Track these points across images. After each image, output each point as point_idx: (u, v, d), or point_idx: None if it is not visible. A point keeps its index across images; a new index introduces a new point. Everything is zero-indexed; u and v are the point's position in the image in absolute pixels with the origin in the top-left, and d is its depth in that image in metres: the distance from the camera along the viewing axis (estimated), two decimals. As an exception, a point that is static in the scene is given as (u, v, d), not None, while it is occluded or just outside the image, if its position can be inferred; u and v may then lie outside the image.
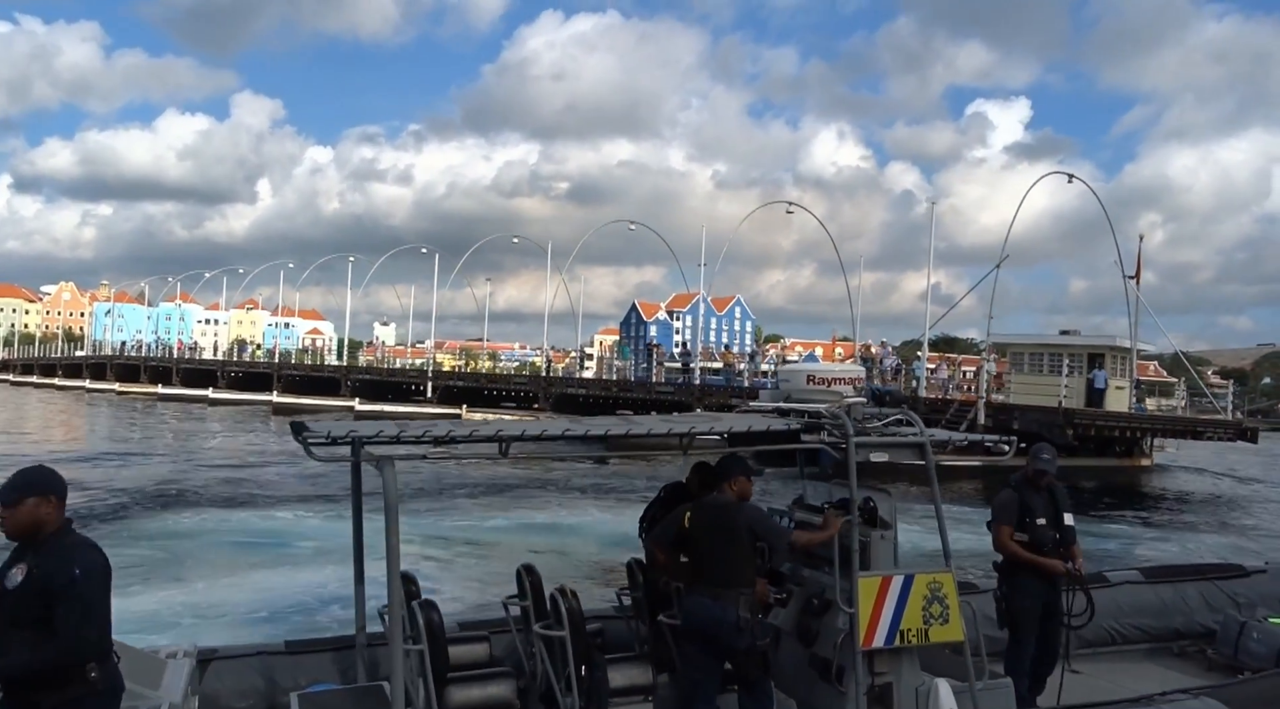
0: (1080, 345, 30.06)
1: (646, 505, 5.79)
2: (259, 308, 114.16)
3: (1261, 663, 6.67)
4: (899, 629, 4.64)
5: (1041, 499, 5.86)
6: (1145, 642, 7.35)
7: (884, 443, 4.78)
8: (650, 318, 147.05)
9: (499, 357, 71.02)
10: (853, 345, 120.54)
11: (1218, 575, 7.80)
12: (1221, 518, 21.50)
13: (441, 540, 15.45)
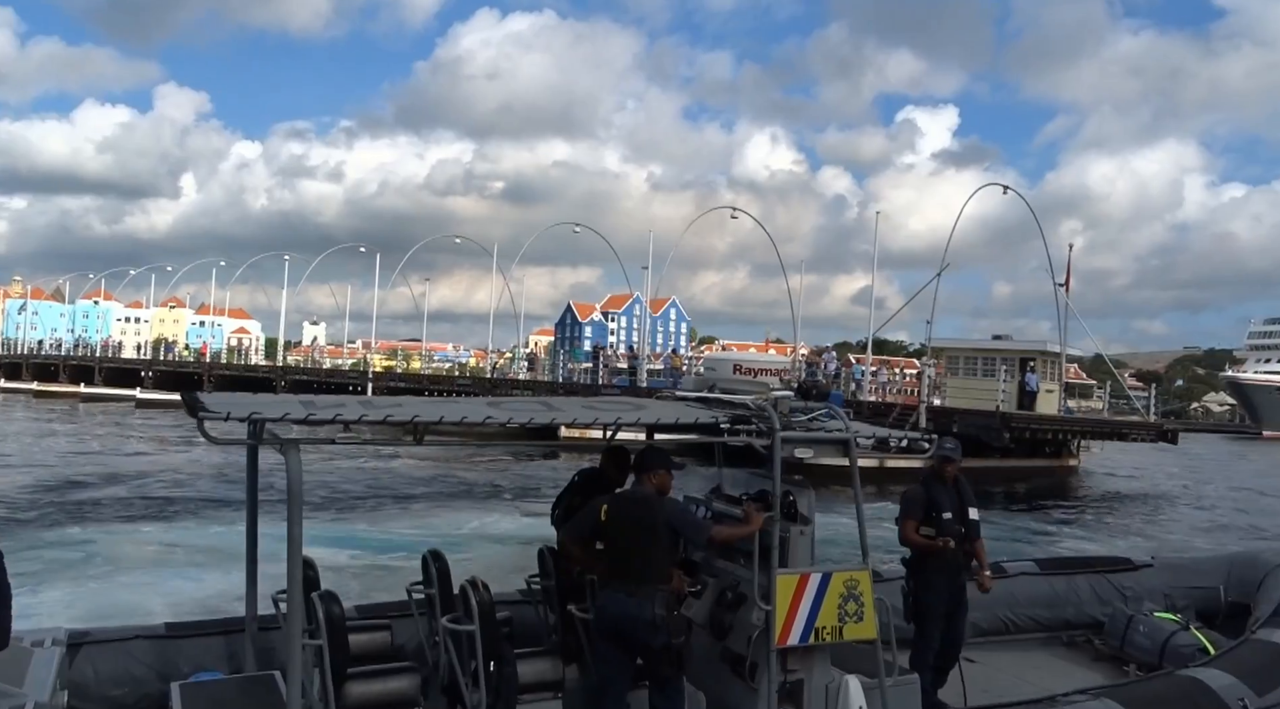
0: (1013, 350, 31.32)
1: (560, 491, 5.66)
2: (183, 306, 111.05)
3: (1145, 656, 6.93)
4: (814, 627, 4.58)
5: (948, 494, 5.91)
6: (1038, 631, 7.54)
7: (809, 438, 4.69)
8: (585, 319, 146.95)
9: (433, 357, 70.24)
10: (785, 347, 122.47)
11: (1107, 569, 8.04)
12: (1141, 514, 22.51)
13: (346, 528, 15.06)
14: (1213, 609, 7.73)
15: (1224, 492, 30.51)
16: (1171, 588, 7.85)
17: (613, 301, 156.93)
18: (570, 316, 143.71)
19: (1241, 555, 8.44)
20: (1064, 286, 32.65)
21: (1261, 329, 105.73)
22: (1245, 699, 5.32)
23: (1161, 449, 33.52)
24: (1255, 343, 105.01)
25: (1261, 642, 6.15)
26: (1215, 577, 7.92)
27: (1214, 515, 22.94)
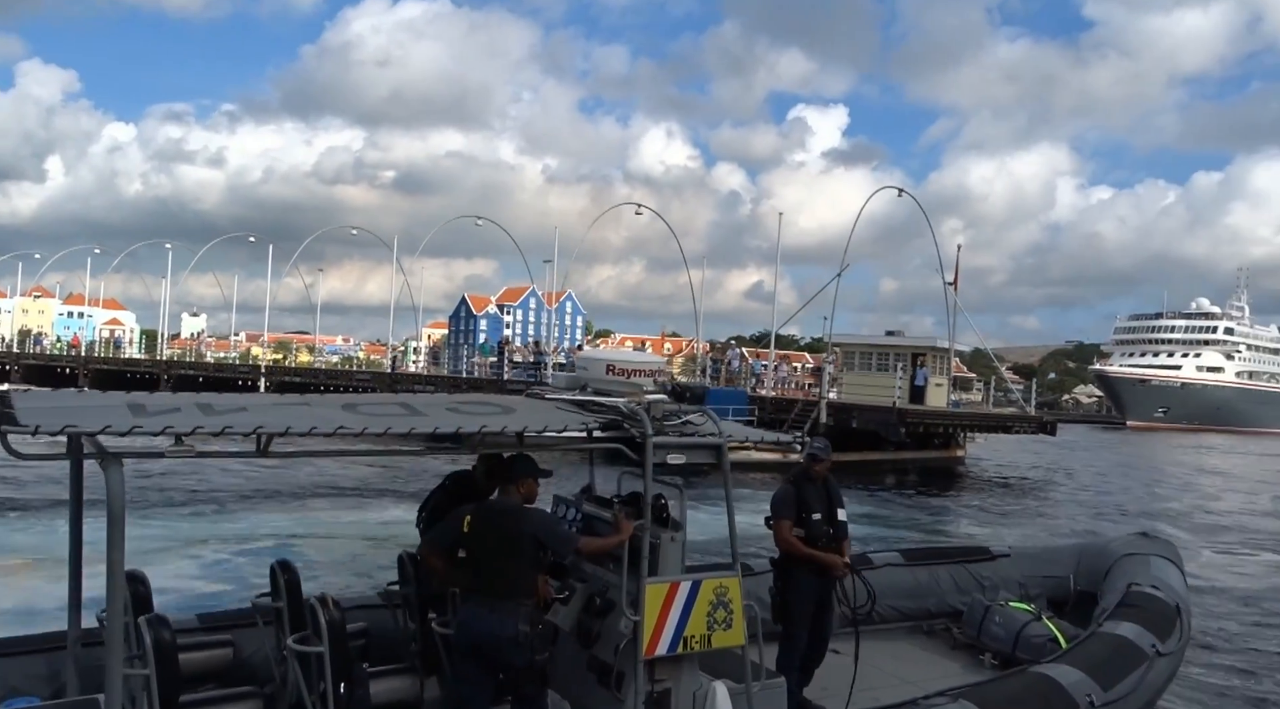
0: (906, 345, 32.63)
1: (428, 494, 5.43)
2: (50, 296, 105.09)
3: (1000, 645, 7.17)
4: (683, 636, 4.48)
5: (817, 493, 5.91)
6: (902, 621, 7.70)
7: (682, 443, 4.55)
8: (480, 311, 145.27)
9: (320, 350, 68.27)
10: (681, 341, 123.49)
11: (967, 559, 8.30)
12: (1021, 501, 23.71)
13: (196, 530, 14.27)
14: (1063, 597, 8.07)
15: (1094, 479, 32.44)
16: (1026, 577, 8.14)
17: (508, 294, 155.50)
18: (465, 309, 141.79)
19: (1090, 546, 8.79)
20: (953, 285, 34.06)
21: (1126, 325, 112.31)
22: (1092, 695, 5.48)
23: (1040, 440, 35.44)
24: (1120, 338, 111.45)
25: (1107, 635, 6.35)
26: (1066, 566, 8.27)
27: (1086, 502, 24.38)
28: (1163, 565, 7.76)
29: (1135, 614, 6.63)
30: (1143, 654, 6.09)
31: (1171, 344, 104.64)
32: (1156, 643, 6.25)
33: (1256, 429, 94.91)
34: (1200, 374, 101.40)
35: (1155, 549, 8.18)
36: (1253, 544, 18.21)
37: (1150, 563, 7.71)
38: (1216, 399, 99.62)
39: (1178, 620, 6.76)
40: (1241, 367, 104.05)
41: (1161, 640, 6.33)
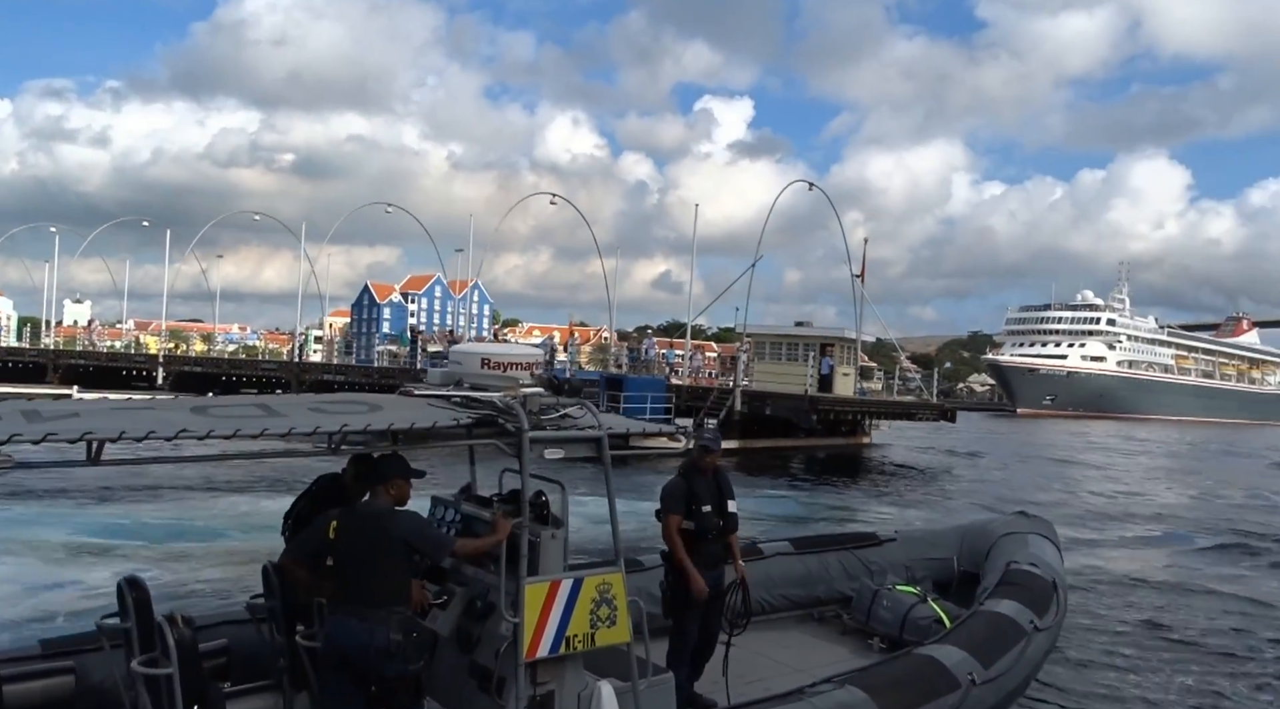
0: (815, 336, 33.67)
1: (294, 499, 5.13)
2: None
3: (888, 628, 7.25)
4: (565, 636, 4.34)
5: (708, 486, 5.83)
6: (792, 609, 7.72)
7: (560, 438, 4.43)
8: (383, 300, 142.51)
9: (215, 338, 65.99)
10: (589, 330, 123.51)
11: (855, 545, 8.36)
12: (925, 488, 24.66)
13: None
14: (948, 578, 8.25)
15: (992, 463, 33.92)
16: (911, 560, 8.28)
17: (413, 282, 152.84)
18: (368, 297, 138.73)
19: (973, 527, 8.93)
20: (859, 278, 35.16)
21: (1017, 316, 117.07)
22: (974, 673, 5.58)
23: (941, 427, 36.88)
24: (1011, 328, 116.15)
25: (988, 613, 6.47)
26: (949, 548, 8.44)
27: (984, 487, 25.51)
28: (1040, 543, 7.99)
29: (1014, 592, 6.79)
30: (1021, 630, 6.26)
31: (1058, 334, 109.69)
32: (1035, 619, 6.43)
33: (1136, 415, 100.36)
34: (1085, 363, 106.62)
35: (1033, 528, 8.42)
36: (1128, 522, 19.33)
37: (1028, 541, 7.93)
38: (1099, 387, 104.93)
39: (1054, 596, 6.96)
40: (1122, 356, 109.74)
41: (1039, 616, 6.51)
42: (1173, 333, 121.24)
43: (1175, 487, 27.91)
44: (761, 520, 15.80)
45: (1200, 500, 24.21)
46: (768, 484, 21.61)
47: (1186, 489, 27.55)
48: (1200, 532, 17.78)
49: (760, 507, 17.78)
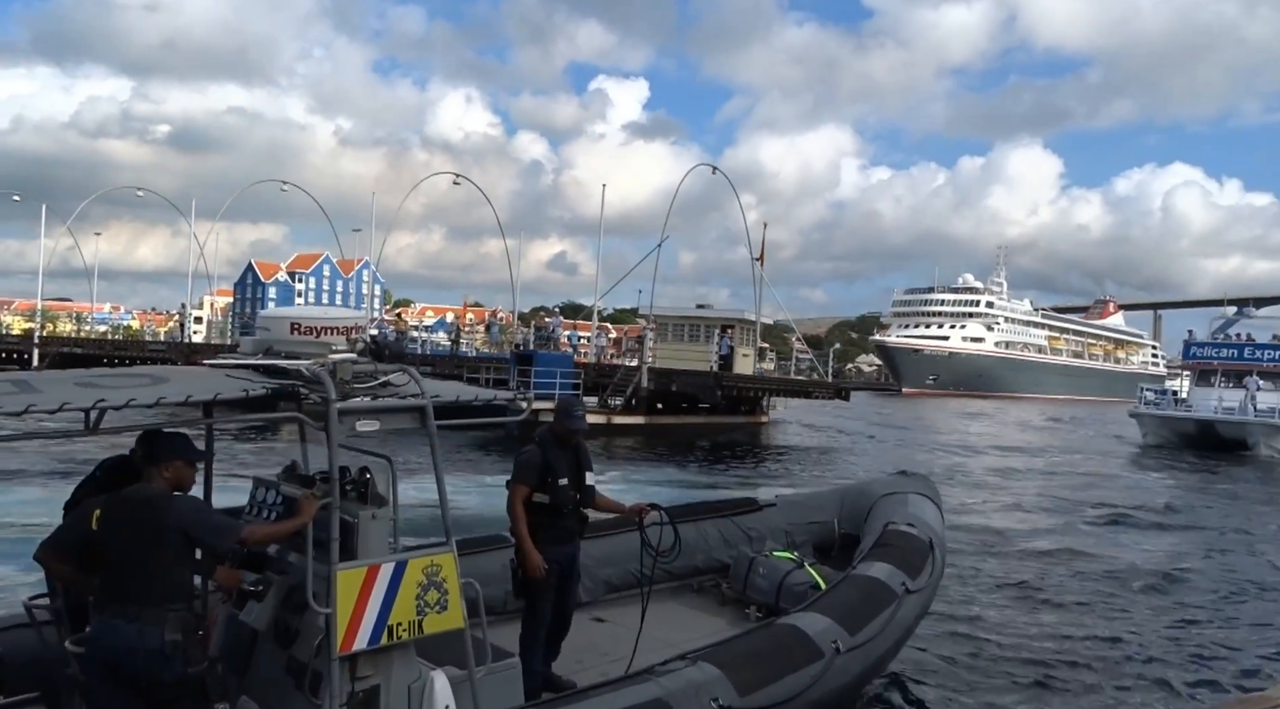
0: (715, 317, 34.46)
1: (75, 486, 4.52)
2: None
3: (765, 596, 7.06)
4: (388, 625, 3.98)
5: (565, 457, 5.49)
6: (670, 581, 7.44)
7: (374, 408, 4.06)
8: (269, 279, 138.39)
9: (85, 318, 62.55)
10: (484, 310, 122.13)
11: (734, 511, 8.13)
12: (823, 462, 25.65)
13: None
14: (828, 542, 8.09)
15: (883, 438, 35.44)
16: (791, 525, 8.09)
17: (300, 261, 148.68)
18: (252, 276, 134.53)
19: (852, 489, 8.76)
20: (759, 261, 36.02)
21: (903, 298, 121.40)
22: (839, 641, 5.43)
23: (837, 405, 38.20)
24: (897, 310, 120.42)
25: (859, 577, 6.32)
26: (829, 511, 8.27)
27: (876, 459, 26.72)
28: (919, 502, 7.84)
29: (888, 553, 6.67)
30: (892, 594, 6.13)
31: (941, 316, 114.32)
32: (907, 581, 6.31)
33: (1012, 394, 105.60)
34: (965, 344, 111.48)
35: (913, 487, 8.27)
36: (1006, 491, 20.57)
37: (908, 501, 7.79)
38: (979, 367, 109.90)
39: (930, 556, 6.83)
40: (1000, 337, 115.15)
41: (912, 578, 6.39)
42: (1046, 315, 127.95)
43: (1044, 458, 29.70)
44: (660, 491, 16.08)
45: (1059, 471, 25.74)
46: (672, 459, 22.12)
47: (1052, 459, 29.43)
48: (1063, 499, 18.84)
49: (660, 480, 18.17)
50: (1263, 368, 36.44)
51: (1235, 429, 33.55)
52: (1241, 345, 38.53)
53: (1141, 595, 10.58)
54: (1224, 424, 33.86)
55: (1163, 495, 20.17)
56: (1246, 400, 34.22)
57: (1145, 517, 16.91)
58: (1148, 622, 9.42)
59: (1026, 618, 9.32)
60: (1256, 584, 11.38)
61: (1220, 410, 34.28)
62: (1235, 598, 10.64)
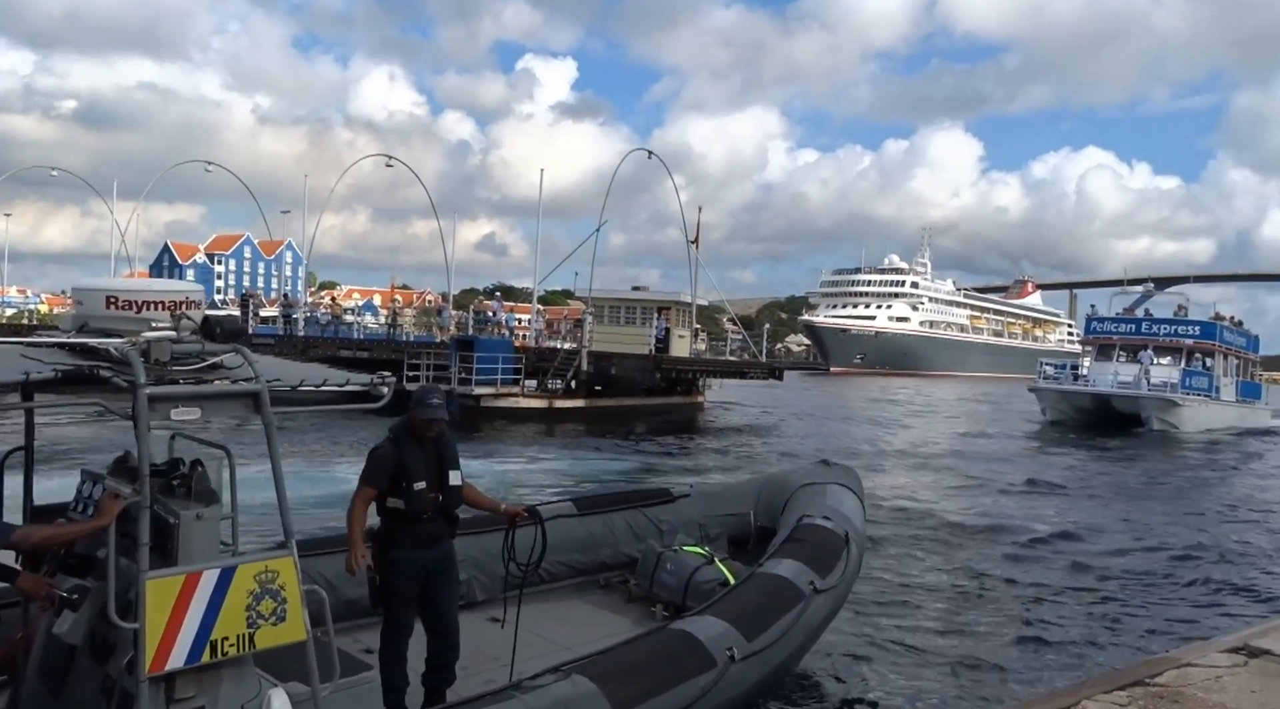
0: (652, 300, 34.82)
1: None
2: None
3: (671, 594, 6.61)
4: (210, 640, 3.49)
5: (424, 454, 4.85)
6: (575, 577, 7.07)
7: (196, 393, 3.55)
8: (186, 260, 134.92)
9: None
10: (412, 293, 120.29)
11: (644, 503, 7.70)
12: (757, 441, 26.19)
13: None
14: (745, 535, 7.69)
15: (813, 416, 36.27)
16: (705, 517, 7.72)
17: (219, 242, 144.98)
18: (169, 258, 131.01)
19: (771, 479, 8.30)
20: (695, 244, 36.45)
21: (830, 279, 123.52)
22: (734, 648, 5.04)
23: (770, 385, 38.99)
24: (825, 291, 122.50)
25: (765, 576, 5.91)
26: (746, 502, 7.87)
27: (804, 438, 27.39)
28: (839, 494, 7.44)
29: (798, 550, 6.29)
30: (798, 594, 5.75)
31: (868, 296, 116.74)
32: (816, 579, 5.94)
33: (936, 372, 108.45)
34: (891, 324, 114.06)
35: (833, 477, 7.82)
36: (914, 469, 20.96)
37: (826, 493, 7.40)
38: (904, 346, 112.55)
39: (844, 552, 6.45)
40: (924, 316, 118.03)
41: (822, 576, 6.02)
42: (968, 295, 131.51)
43: (949, 437, 30.45)
44: (590, 482, 15.85)
45: (962, 450, 26.21)
46: (611, 444, 22.39)
47: (958, 436, 30.52)
48: (965, 478, 19.09)
49: (601, 466, 18.21)
50: (1158, 342, 36.83)
51: (1129, 403, 33.80)
52: (1139, 321, 38.92)
53: (1043, 570, 10.74)
54: (1119, 399, 34.06)
55: (1057, 472, 20.52)
56: (1140, 375, 34.42)
57: (1040, 492, 17.33)
58: (1053, 596, 9.51)
59: (938, 604, 9.16)
60: (1152, 551, 12.07)
61: (1116, 385, 34.44)
62: (1134, 570, 11.00)
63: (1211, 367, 37.81)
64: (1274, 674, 5.30)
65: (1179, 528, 13.96)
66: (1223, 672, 5.27)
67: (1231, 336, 39.64)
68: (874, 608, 8.74)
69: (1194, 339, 37.25)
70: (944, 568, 10.70)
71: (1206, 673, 5.24)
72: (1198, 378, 36.17)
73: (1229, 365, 39.75)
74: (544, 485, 14.97)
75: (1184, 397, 34.33)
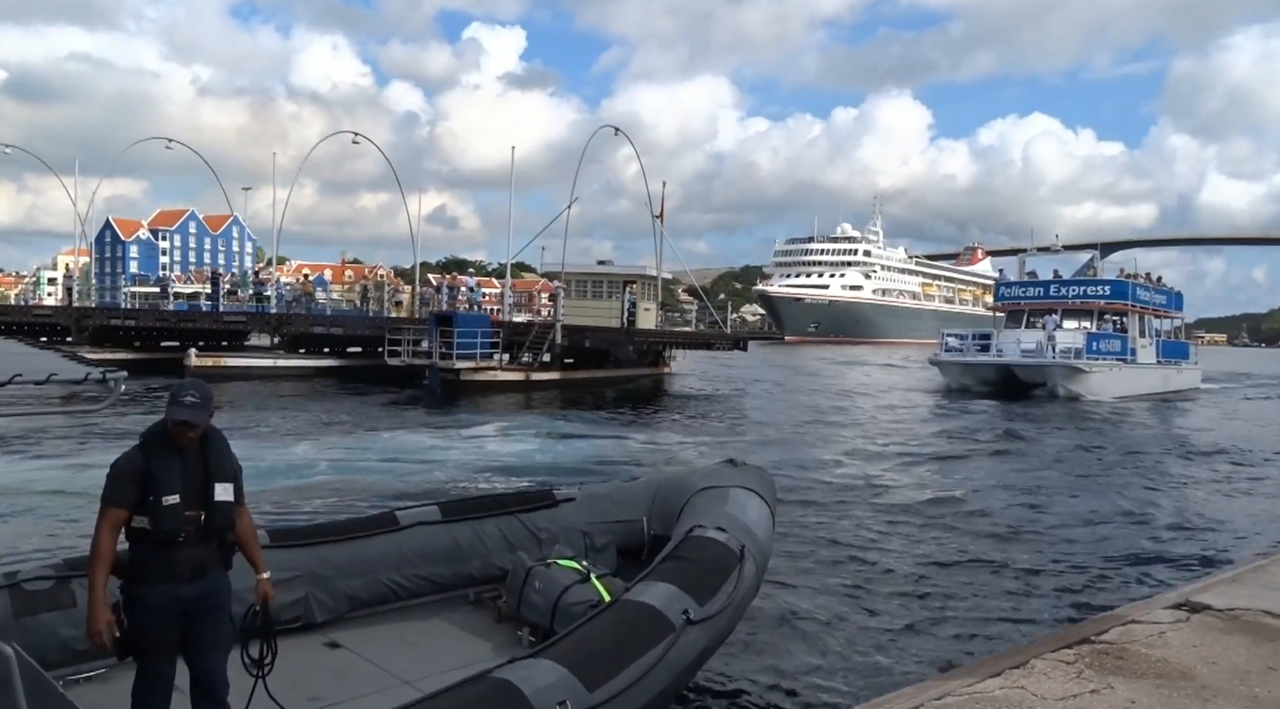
0: (618, 274, 35.63)
1: None
2: None
3: (539, 616, 5.67)
4: None
5: (182, 464, 3.90)
6: (438, 593, 6.18)
7: None
8: (129, 237, 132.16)
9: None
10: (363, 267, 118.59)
11: (521, 507, 6.76)
12: (724, 409, 26.95)
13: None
14: (637, 546, 6.76)
15: (774, 384, 37.36)
16: (591, 525, 6.78)
17: (162, 218, 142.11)
18: (110, 234, 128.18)
19: (668, 479, 7.24)
20: (659, 218, 37.12)
21: (784, 249, 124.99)
22: (568, 701, 4.06)
23: (733, 355, 39.99)
24: (779, 260, 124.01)
25: (628, 604, 4.84)
26: (638, 507, 6.90)
27: (770, 404, 28.31)
28: (742, 500, 6.37)
29: (677, 570, 5.27)
30: (666, 626, 4.70)
31: (821, 265, 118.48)
32: (692, 607, 4.89)
33: (889, 340, 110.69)
34: (845, 292, 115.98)
35: (737, 479, 6.71)
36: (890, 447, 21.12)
37: (727, 498, 6.34)
38: (857, 314, 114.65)
39: (736, 571, 5.41)
40: (877, 285, 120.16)
41: (701, 602, 4.99)
42: (920, 262, 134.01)
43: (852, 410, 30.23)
44: (560, 473, 14.59)
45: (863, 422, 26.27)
46: (586, 416, 22.96)
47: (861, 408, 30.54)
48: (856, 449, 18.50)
49: (577, 447, 18.01)
50: (1067, 305, 34.82)
51: (1033, 373, 31.94)
52: (1047, 283, 36.66)
53: (957, 536, 10.71)
54: (1022, 368, 32.12)
55: (959, 442, 20.06)
56: (1044, 342, 32.30)
57: (938, 464, 16.74)
58: (969, 563, 9.51)
59: (854, 574, 8.84)
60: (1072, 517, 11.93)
61: (1021, 354, 32.43)
62: (1045, 536, 10.82)
63: (1126, 327, 35.73)
64: (1215, 629, 5.39)
65: (1072, 495, 13.75)
66: (1165, 627, 5.38)
67: (1147, 295, 37.62)
68: (796, 577, 8.44)
69: (1105, 300, 35.24)
70: (857, 541, 10.36)
71: (1150, 629, 5.33)
72: (1108, 341, 33.94)
73: (1147, 325, 37.80)
74: (513, 468, 14.62)
75: (1091, 362, 32.03)
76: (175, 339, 33.60)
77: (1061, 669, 4.65)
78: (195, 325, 33.47)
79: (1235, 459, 18.54)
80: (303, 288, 36.64)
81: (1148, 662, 4.77)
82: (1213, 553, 10.34)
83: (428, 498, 8.66)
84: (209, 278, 40.27)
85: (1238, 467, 17.55)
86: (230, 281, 38.64)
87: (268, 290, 33.94)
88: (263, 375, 29.47)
